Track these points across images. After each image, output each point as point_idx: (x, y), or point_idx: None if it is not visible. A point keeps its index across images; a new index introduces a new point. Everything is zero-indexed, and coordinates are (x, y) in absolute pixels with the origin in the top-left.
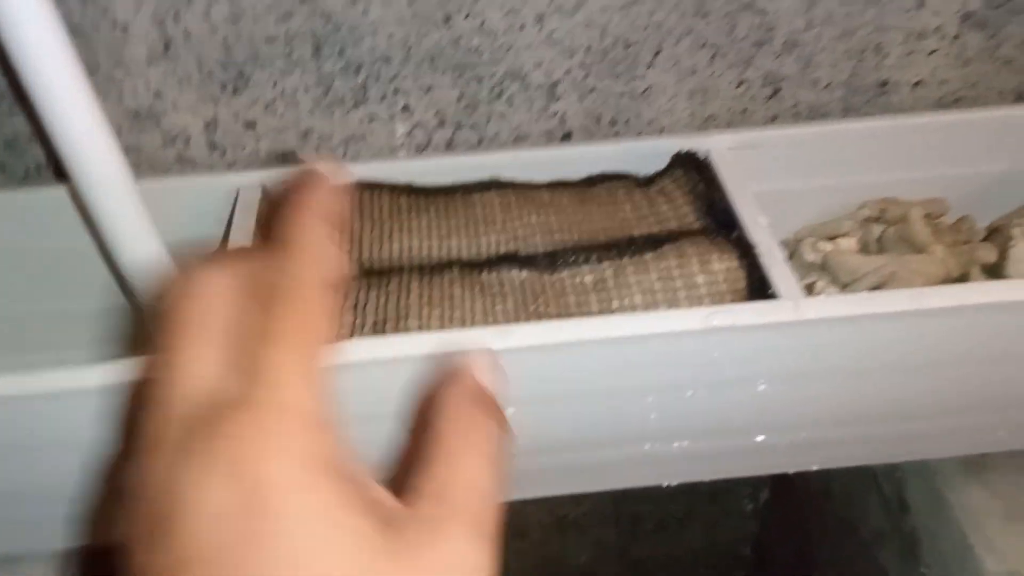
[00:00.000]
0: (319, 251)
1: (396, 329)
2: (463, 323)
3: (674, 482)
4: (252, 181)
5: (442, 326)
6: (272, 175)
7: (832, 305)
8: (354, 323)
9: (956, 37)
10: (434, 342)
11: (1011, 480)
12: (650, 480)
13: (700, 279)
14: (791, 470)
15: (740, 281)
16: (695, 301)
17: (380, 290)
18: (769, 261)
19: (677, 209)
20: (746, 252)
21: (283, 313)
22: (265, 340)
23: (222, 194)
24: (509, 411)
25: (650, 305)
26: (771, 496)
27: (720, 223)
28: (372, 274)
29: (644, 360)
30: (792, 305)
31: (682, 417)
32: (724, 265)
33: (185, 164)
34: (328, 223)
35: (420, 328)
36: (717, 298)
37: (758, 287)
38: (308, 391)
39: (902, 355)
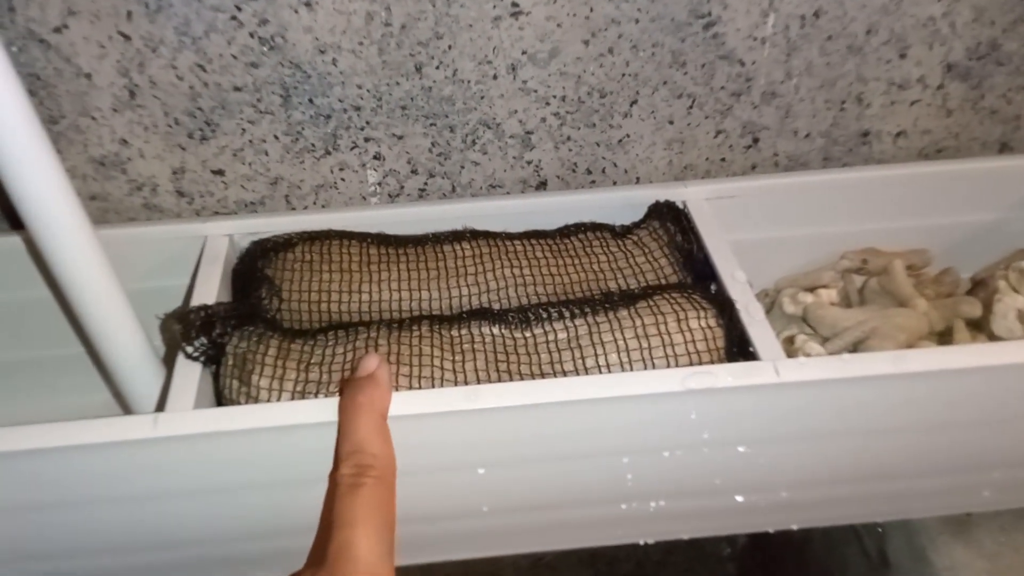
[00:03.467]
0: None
1: None
2: (432, 382)
3: (651, 540)
4: (220, 229)
5: (410, 385)
6: (241, 224)
7: (812, 368)
8: (319, 380)
9: (939, 87)
10: (403, 403)
11: (996, 539)
12: (626, 539)
13: (677, 338)
14: (770, 529)
15: (718, 340)
16: (672, 360)
17: (348, 346)
18: (749, 319)
19: (654, 261)
20: (725, 310)
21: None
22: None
23: (189, 242)
24: (480, 471)
25: (625, 364)
26: (749, 541)
27: (698, 275)
28: (339, 328)
29: (619, 422)
30: (772, 367)
31: (659, 478)
32: (702, 323)
33: (152, 211)
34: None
35: None
36: (695, 357)
37: (738, 345)
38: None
39: (883, 417)
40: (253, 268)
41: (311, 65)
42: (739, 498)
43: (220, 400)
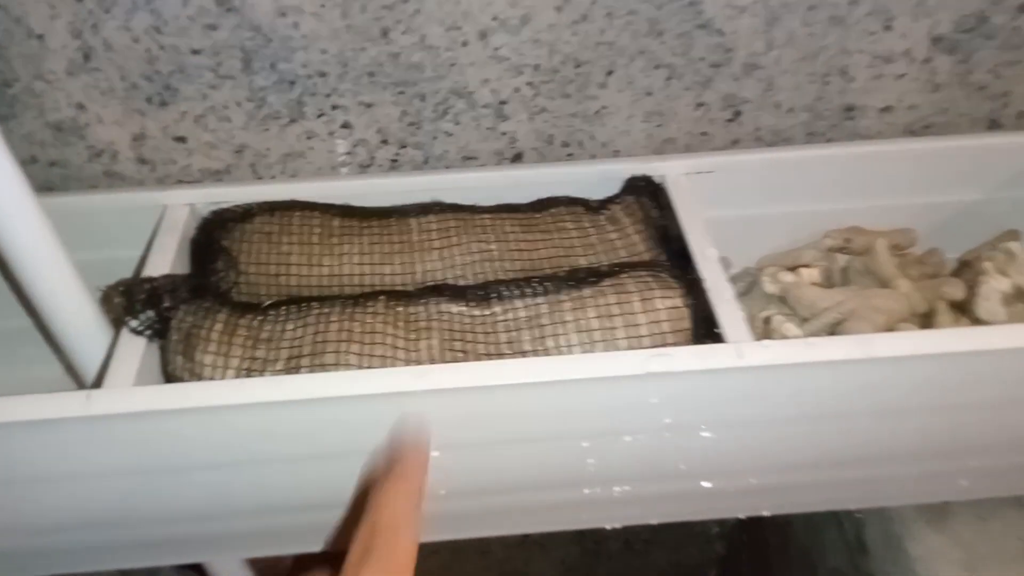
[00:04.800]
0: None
1: (311, 366)
2: (383, 361)
3: (617, 525)
4: (181, 199)
5: (360, 364)
6: (204, 193)
7: (777, 351)
8: (266, 358)
9: (926, 61)
10: (348, 382)
11: (971, 528)
12: (590, 523)
13: (641, 318)
14: (741, 515)
15: (684, 321)
16: (636, 343)
17: (298, 322)
18: (717, 299)
19: (627, 238)
20: (692, 289)
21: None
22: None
23: (149, 211)
24: (434, 454)
25: (587, 345)
26: (739, 521)
27: (674, 253)
28: (291, 303)
29: (578, 405)
30: (735, 350)
31: (621, 463)
32: (667, 304)
33: (114, 179)
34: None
35: (336, 365)
36: (659, 339)
37: (705, 326)
38: None
39: (850, 402)
40: (210, 239)
41: (271, 28)
42: (706, 484)
43: (167, 377)
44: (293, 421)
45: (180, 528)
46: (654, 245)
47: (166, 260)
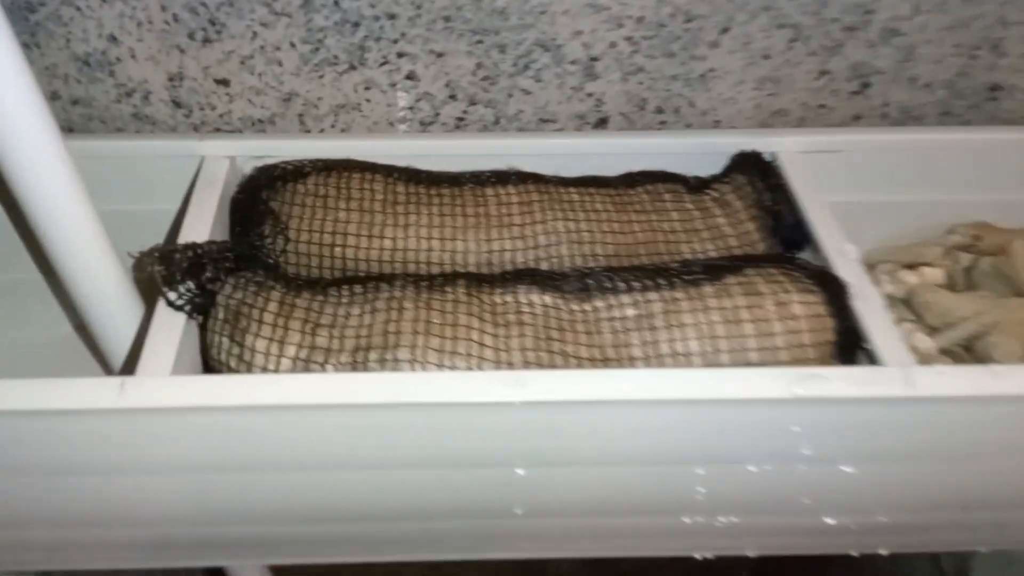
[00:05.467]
0: None
1: (381, 361)
2: (468, 360)
3: (709, 555)
4: (220, 150)
5: (440, 363)
6: (245, 145)
7: (956, 381)
8: (328, 347)
9: None
10: (436, 386)
11: None
12: (682, 551)
13: (776, 326)
14: (854, 552)
15: (827, 332)
16: (768, 355)
17: (365, 307)
18: (865, 308)
19: (738, 224)
20: (836, 294)
21: None
22: None
23: (184, 162)
24: (519, 472)
25: (709, 355)
26: None
27: (788, 243)
28: (356, 282)
29: (699, 427)
30: (903, 377)
31: (739, 493)
32: (807, 310)
33: (144, 122)
34: None
35: (412, 363)
36: (797, 352)
37: (846, 340)
38: None
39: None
40: (256, 199)
41: None
42: (829, 520)
43: (207, 360)
44: (359, 427)
45: (213, 530)
46: (768, 234)
47: (204, 222)
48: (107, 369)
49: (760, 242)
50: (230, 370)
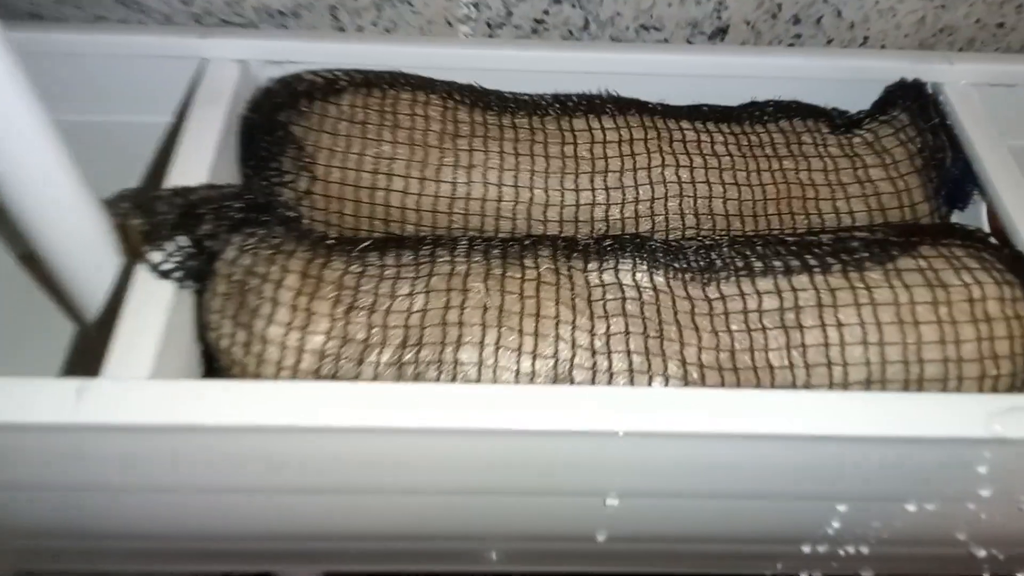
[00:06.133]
0: None
1: (437, 362)
2: (555, 366)
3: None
4: (228, 50)
5: (517, 368)
6: (261, 46)
7: None
8: (367, 340)
9: None
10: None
11: None
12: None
13: (967, 331)
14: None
15: None
16: (954, 369)
17: (417, 282)
18: None
19: (898, 180)
20: None
21: None
22: None
23: (181, 64)
24: (611, 502)
25: (874, 368)
26: None
27: (950, 201)
28: (406, 245)
29: (856, 465)
30: None
31: (883, 528)
32: (1006, 309)
33: (131, 9)
34: None
35: (480, 367)
36: (989, 366)
37: None
38: None
39: None
40: (273, 123)
41: None
42: (979, 552)
43: (206, 342)
44: (407, 455)
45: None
46: (934, 191)
47: (203, 150)
48: (76, 319)
49: (924, 202)
50: (234, 363)
